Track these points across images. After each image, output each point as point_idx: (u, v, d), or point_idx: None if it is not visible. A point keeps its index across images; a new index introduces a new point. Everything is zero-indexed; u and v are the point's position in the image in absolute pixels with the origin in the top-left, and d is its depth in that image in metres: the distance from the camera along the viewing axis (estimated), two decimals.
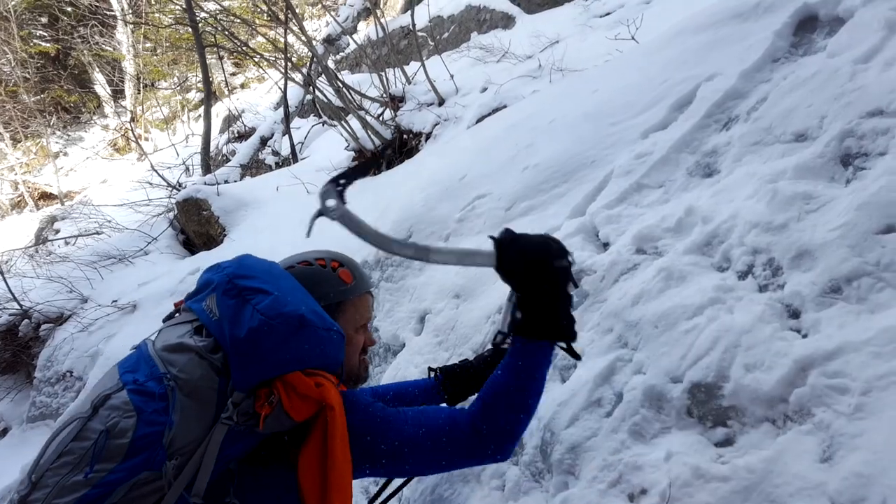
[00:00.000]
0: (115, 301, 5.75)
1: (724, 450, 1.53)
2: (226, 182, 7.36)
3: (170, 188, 8.17)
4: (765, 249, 1.78)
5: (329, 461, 1.27)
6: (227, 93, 13.74)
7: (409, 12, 6.84)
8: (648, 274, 2.01)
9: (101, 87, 18.81)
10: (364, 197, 4.23)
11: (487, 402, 1.35)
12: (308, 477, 1.28)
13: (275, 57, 8.12)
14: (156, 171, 8.30)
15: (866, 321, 1.49)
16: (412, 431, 1.35)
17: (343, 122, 5.87)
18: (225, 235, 6.07)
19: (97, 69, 18.46)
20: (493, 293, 2.55)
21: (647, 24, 5.23)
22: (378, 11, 7.29)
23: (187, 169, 9.81)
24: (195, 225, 6.48)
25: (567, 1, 8.16)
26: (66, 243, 8.52)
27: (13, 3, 16.60)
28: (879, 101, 1.83)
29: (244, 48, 7.30)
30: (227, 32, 7.47)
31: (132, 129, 13.92)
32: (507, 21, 8.75)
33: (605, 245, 2.34)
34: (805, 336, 1.57)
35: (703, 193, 2.13)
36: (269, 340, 1.25)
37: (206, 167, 8.42)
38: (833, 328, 1.53)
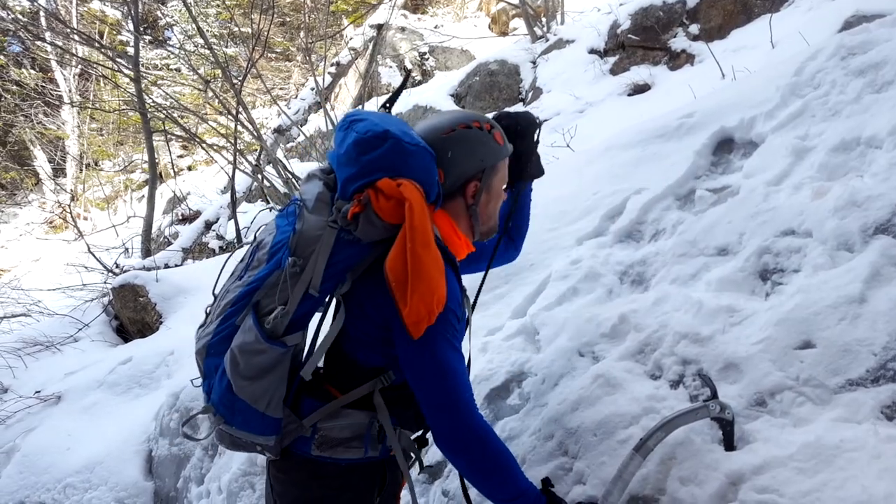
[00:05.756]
0: (38, 392, 5.34)
1: None
2: (166, 266, 7.17)
3: (106, 272, 7.89)
4: (694, 360, 1.85)
5: (410, 254, 1.39)
6: (173, 174, 13.61)
7: (359, 108, 7.10)
8: (586, 380, 2.03)
9: (41, 164, 18.38)
10: None
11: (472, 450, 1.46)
12: (393, 270, 1.41)
13: (223, 145, 8.19)
14: (92, 254, 8.02)
15: (789, 435, 1.54)
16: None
17: None
18: (161, 323, 5.85)
19: (38, 147, 18.09)
20: None
21: (580, 132, 5.60)
22: (328, 105, 7.51)
23: (126, 250, 9.54)
24: (130, 311, 6.24)
25: (508, 106, 8.64)
26: None
27: None
28: (791, 222, 1.98)
29: (192, 136, 7.34)
30: (176, 120, 7.51)
31: (70, 209, 13.52)
32: None
33: (546, 347, 2.38)
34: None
35: (635, 301, 2.21)
36: (360, 151, 1.48)
37: (147, 251, 8.23)
38: (759, 442, 1.57)
